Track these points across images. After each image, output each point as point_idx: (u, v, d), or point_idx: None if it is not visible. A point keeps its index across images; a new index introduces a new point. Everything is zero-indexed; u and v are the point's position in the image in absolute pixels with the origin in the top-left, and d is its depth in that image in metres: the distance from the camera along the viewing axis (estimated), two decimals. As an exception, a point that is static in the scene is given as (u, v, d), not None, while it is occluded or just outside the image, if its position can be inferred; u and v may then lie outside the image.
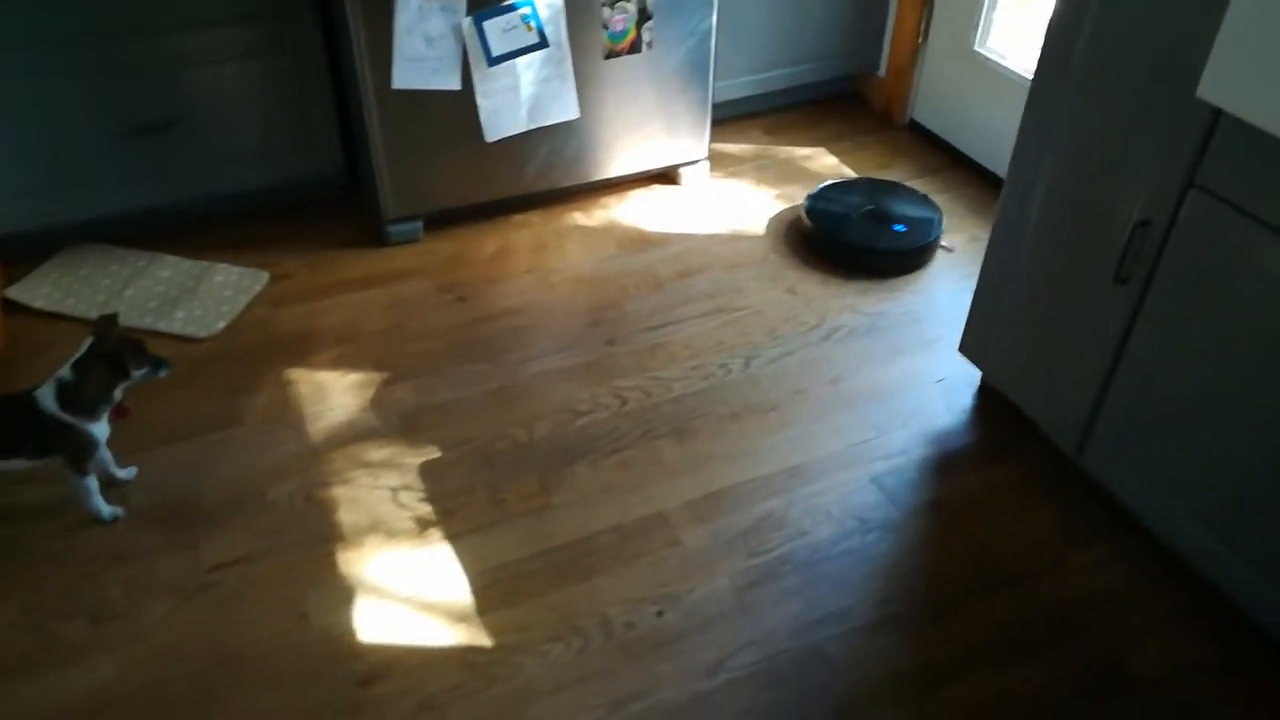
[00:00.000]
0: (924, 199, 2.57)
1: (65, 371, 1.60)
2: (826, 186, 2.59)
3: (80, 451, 1.65)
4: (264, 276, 2.32)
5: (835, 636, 1.60)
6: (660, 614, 1.63)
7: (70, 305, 2.21)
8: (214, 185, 2.40)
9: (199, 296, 2.25)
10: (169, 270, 2.32)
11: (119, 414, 1.69)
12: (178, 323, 2.18)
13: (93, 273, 2.30)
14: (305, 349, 2.14)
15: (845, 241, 2.42)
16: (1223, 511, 1.54)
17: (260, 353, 2.13)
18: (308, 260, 2.39)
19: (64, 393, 1.59)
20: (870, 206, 2.50)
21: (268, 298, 2.28)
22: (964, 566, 1.72)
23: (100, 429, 1.65)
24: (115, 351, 1.61)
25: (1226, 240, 1.41)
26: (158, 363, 1.68)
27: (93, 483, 1.70)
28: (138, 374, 1.64)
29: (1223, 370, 1.47)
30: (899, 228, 2.45)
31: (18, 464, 1.63)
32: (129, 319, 2.14)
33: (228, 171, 2.39)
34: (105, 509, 1.73)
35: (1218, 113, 1.36)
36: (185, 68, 2.21)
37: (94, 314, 2.17)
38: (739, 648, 1.58)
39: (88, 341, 1.62)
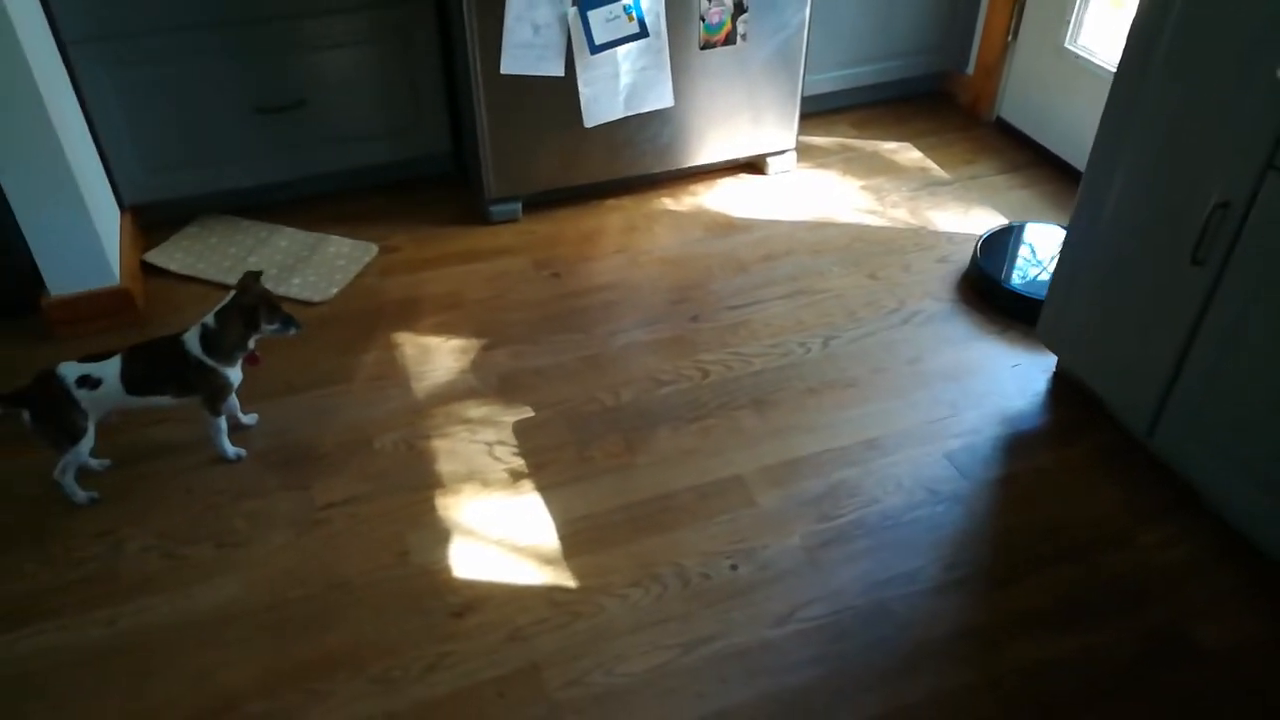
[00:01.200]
0: None
1: (209, 318, 1.77)
2: (999, 229, 2.49)
3: (216, 393, 1.82)
4: (373, 249, 2.49)
5: (902, 596, 1.68)
6: (734, 567, 1.73)
7: (201, 269, 2.41)
8: (330, 163, 2.57)
9: (313, 265, 2.43)
10: (287, 240, 2.51)
11: (251, 361, 1.85)
12: (295, 288, 2.36)
13: (220, 241, 2.50)
14: (411, 315, 2.30)
15: (1010, 288, 2.29)
16: (1292, 492, 1.57)
17: (369, 317, 2.29)
18: (414, 235, 2.56)
19: (206, 338, 1.76)
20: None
21: (376, 268, 2.45)
22: (1031, 538, 1.78)
23: (234, 374, 1.82)
24: (252, 305, 1.76)
25: (1302, 223, 1.44)
26: (288, 321, 1.82)
27: (223, 423, 1.87)
28: (269, 328, 1.80)
29: (1295, 351, 1.51)
30: None
31: (163, 401, 1.80)
32: (252, 284, 2.33)
33: (343, 150, 2.55)
34: (231, 449, 1.90)
35: (1297, 97, 1.40)
36: (311, 51, 2.37)
37: (221, 278, 2.37)
38: (808, 601, 1.67)
39: (232, 293, 1.79)
